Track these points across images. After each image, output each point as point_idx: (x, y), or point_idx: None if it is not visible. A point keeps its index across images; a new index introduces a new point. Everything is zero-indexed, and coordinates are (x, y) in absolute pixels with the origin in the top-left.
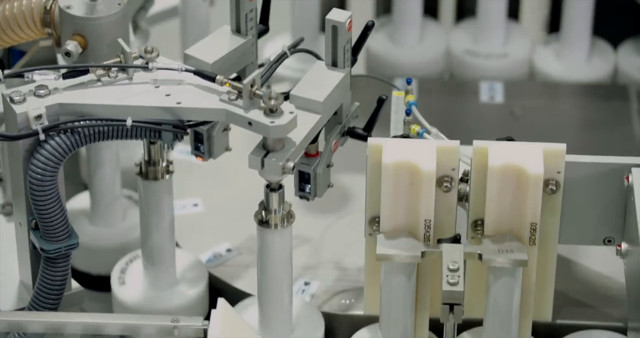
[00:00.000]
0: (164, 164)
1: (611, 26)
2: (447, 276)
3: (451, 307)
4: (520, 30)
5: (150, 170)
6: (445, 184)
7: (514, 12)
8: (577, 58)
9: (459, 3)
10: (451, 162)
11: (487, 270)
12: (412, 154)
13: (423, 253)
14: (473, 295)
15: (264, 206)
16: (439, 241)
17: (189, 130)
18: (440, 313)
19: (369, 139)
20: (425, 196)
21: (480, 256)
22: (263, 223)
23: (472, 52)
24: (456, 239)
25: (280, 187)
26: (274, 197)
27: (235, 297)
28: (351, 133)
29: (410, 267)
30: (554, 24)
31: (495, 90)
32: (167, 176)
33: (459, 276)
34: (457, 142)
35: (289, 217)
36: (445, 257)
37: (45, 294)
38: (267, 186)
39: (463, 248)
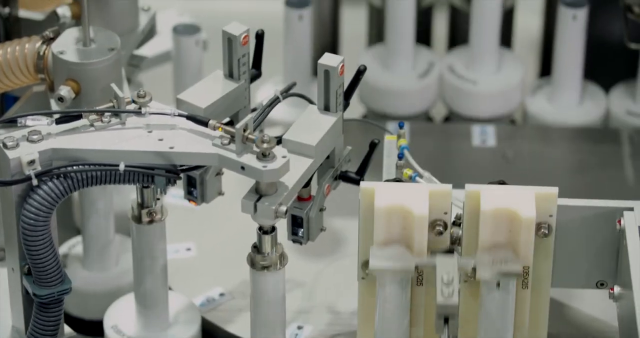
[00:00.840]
0: (157, 208)
1: (603, 70)
2: (441, 288)
3: (446, 320)
4: (513, 56)
5: (143, 215)
6: (437, 228)
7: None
8: (569, 102)
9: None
10: (444, 205)
11: (481, 285)
12: (405, 197)
13: (417, 267)
14: (467, 320)
15: (257, 249)
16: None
17: (181, 175)
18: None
19: (361, 182)
20: (418, 240)
21: (474, 268)
22: (256, 265)
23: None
24: (450, 251)
25: (273, 229)
26: (267, 239)
27: None
28: (344, 177)
29: (404, 281)
30: (545, 68)
31: (487, 134)
32: (160, 220)
33: (453, 288)
34: (450, 185)
35: (282, 258)
36: (440, 269)
37: None
38: (260, 229)
39: (457, 259)
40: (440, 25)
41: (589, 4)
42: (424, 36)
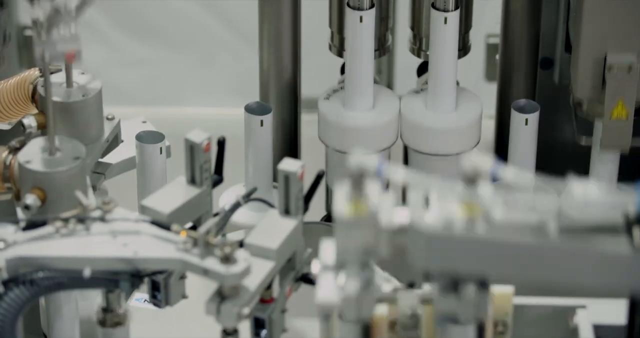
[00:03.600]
0: (122, 312)
1: (554, 170)
2: (402, 323)
3: None
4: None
5: (108, 318)
6: (396, 328)
7: None
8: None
9: None
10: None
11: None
12: None
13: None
14: None
15: None
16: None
17: (146, 279)
18: None
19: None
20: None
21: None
22: None
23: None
24: (412, 285)
25: (236, 331)
26: None
27: None
28: (305, 279)
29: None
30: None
31: None
32: (125, 324)
33: (415, 323)
34: (409, 284)
35: None
36: (402, 303)
37: None
38: (224, 331)
39: (419, 294)
40: None
41: (540, 107)
42: None
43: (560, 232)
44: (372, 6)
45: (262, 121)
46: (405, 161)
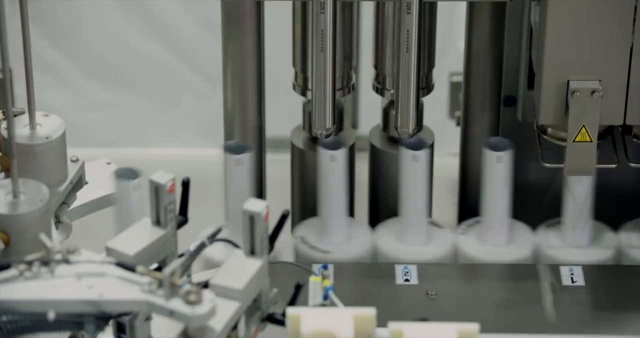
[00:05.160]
0: None
1: (530, 209)
2: None
3: None
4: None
5: None
6: None
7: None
8: (498, 240)
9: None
10: (368, 328)
11: None
12: (330, 322)
13: None
14: None
15: None
16: None
17: (111, 321)
18: None
19: (287, 308)
20: None
21: None
22: None
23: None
24: None
25: None
26: None
27: None
28: (270, 318)
29: None
30: (464, 208)
31: (411, 273)
32: None
33: None
34: (373, 309)
35: None
36: None
37: None
38: None
39: None
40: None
41: (513, 146)
42: None
43: None
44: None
45: (240, 160)
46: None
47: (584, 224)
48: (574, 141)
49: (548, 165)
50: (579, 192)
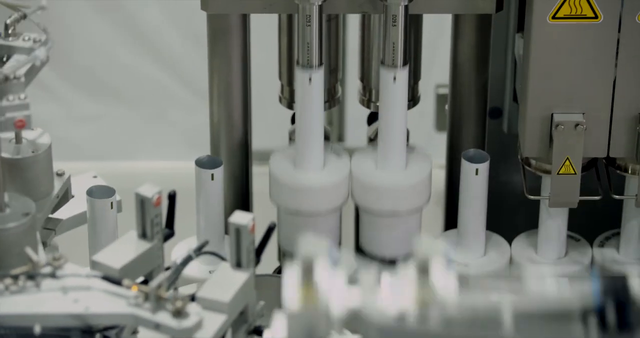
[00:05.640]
0: None
1: (505, 221)
2: None
3: None
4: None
5: None
6: None
7: None
8: (474, 252)
9: None
10: None
11: None
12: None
13: None
14: None
15: None
16: None
17: (97, 335)
18: None
19: (264, 331)
20: None
21: None
22: None
23: None
24: None
25: None
26: None
27: None
28: (257, 331)
29: None
30: (450, 220)
31: None
32: None
33: None
34: None
35: None
36: None
37: None
38: None
39: None
40: None
41: (490, 156)
42: None
43: (515, 323)
44: (321, 64)
45: (212, 175)
46: (357, 219)
47: (558, 237)
48: (558, 173)
49: (532, 197)
50: (552, 229)
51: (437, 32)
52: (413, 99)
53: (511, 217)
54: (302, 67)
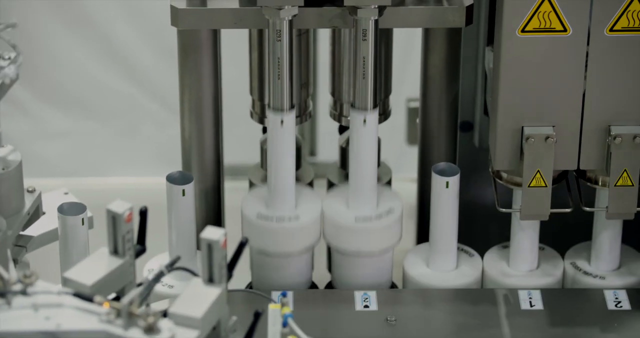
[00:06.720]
0: None
1: (477, 234)
2: None
3: None
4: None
5: None
6: None
7: None
8: (446, 265)
9: None
10: None
11: None
12: None
13: None
14: None
15: None
16: None
17: None
18: None
19: None
20: None
21: None
22: None
23: None
24: None
25: None
26: None
27: None
28: None
29: None
30: (422, 234)
31: (370, 299)
32: None
33: None
34: None
35: None
36: None
37: None
38: None
39: None
40: None
41: (461, 170)
42: None
43: None
44: (292, 107)
45: (184, 190)
46: (329, 260)
47: (530, 249)
48: (529, 186)
49: (504, 210)
50: (523, 241)
51: (408, 46)
52: (384, 113)
53: (483, 230)
54: (273, 110)
